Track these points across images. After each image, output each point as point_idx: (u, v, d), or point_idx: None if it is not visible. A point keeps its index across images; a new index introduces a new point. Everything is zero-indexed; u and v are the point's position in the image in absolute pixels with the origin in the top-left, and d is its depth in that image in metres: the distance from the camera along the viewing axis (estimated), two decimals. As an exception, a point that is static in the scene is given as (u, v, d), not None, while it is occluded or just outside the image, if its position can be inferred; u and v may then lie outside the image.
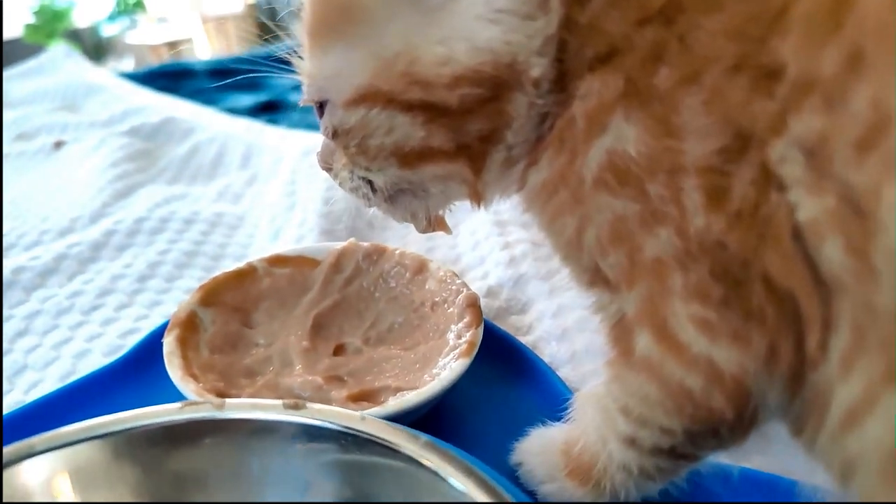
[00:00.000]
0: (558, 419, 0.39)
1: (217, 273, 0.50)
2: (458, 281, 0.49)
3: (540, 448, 0.38)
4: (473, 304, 0.46)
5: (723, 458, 0.34)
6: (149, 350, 0.47)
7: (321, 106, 0.34)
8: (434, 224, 0.39)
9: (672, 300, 0.26)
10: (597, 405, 0.33)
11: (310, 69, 0.33)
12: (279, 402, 0.32)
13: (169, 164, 0.95)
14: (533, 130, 0.30)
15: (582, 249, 0.29)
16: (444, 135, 0.30)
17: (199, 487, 0.30)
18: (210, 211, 0.76)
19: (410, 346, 0.47)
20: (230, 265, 0.65)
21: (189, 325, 0.44)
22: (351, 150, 0.33)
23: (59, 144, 1.03)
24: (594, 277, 0.30)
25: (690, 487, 0.33)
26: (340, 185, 0.37)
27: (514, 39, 0.28)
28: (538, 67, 0.28)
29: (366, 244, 0.53)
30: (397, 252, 0.52)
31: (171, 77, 1.47)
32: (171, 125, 1.07)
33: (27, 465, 0.29)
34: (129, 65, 3.70)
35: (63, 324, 0.56)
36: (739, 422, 0.27)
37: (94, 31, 4.17)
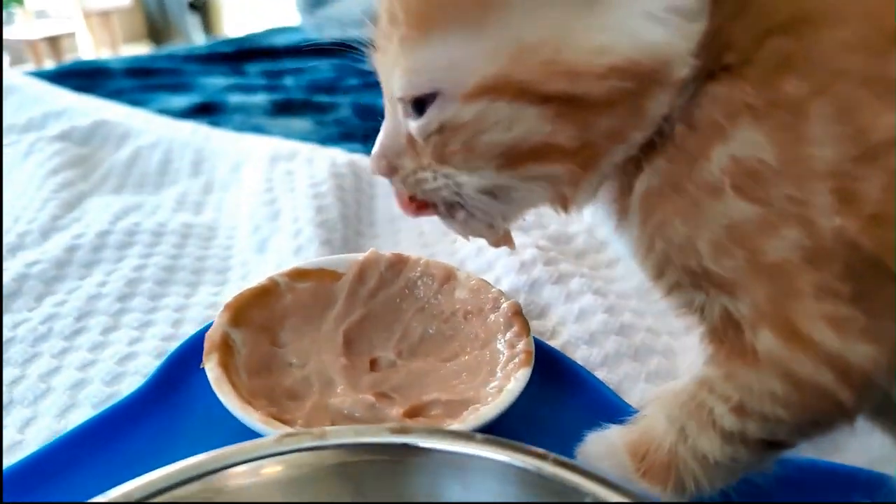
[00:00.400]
0: (609, 422, 0.39)
1: (217, 287, 0.46)
2: (494, 289, 0.48)
3: (605, 452, 0.38)
4: (518, 312, 0.45)
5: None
6: (174, 373, 0.44)
7: (418, 102, 0.31)
8: (504, 237, 0.38)
9: (801, 299, 0.27)
10: (680, 403, 0.33)
11: (413, 60, 0.30)
12: (384, 426, 0.30)
13: (111, 172, 0.87)
14: (650, 133, 0.30)
15: (689, 254, 0.30)
16: (571, 131, 0.29)
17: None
18: (176, 222, 0.71)
19: (449, 358, 0.46)
20: (213, 279, 0.61)
21: (225, 348, 0.41)
22: (452, 148, 0.31)
23: (-26, 151, 0.93)
24: (694, 280, 0.31)
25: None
26: (412, 187, 0.34)
27: (676, 39, 0.27)
28: (686, 69, 0.28)
29: (387, 254, 0.51)
30: (422, 261, 0.51)
31: (85, 76, 1.36)
32: (103, 129, 0.99)
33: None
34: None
35: (44, 351, 0.50)
36: (856, 412, 0.28)
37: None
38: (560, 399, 0.45)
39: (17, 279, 0.58)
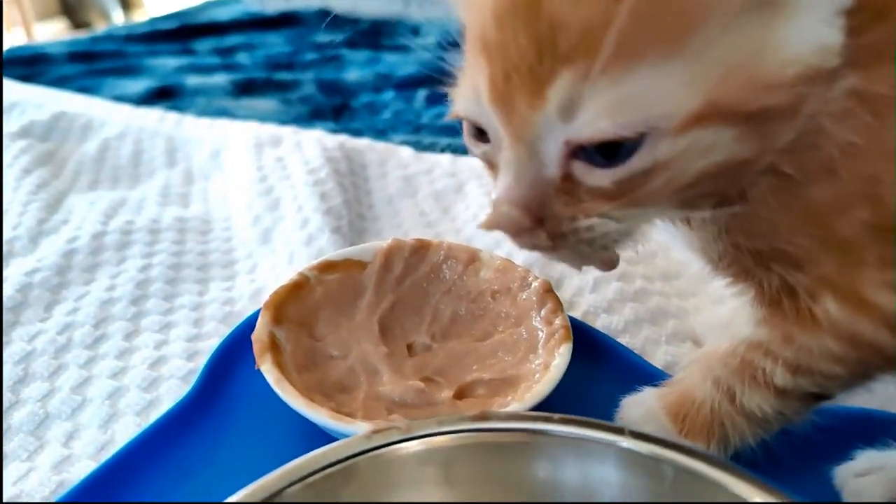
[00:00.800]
0: (643, 386, 0.42)
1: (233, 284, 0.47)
2: (520, 268, 0.49)
3: (644, 415, 0.40)
4: (549, 289, 0.47)
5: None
6: (218, 377, 0.44)
7: (606, 145, 0.27)
8: None
9: (865, 269, 0.30)
10: (725, 365, 0.36)
11: (612, 96, 0.26)
12: (464, 415, 0.31)
13: (82, 167, 0.84)
14: None
15: (765, 237, 0.32)
16: (757, 143, 0.28)
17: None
18: (169, 217, 0.70)
19: (482, 337, 0.48)
20: (221, 273, 0.61)
21: (274, 348, 0.42)
22: (654, 186, 0.28)
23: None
24: (759, 259, 0.33)
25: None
26: (565, 236, 0.30)
27: (839, 39, 0.27)
28: (837, 60, 0.28)
29: (409, 240, 0.52)
30: (444, 245, 0.52)
31: (24, 64, 1.29)
32: (63, 121, 0.95)
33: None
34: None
35: (70, 362, 0.50)
36: None
37: None
38: (592, 368, 0.47)
39: (21, 290, 0.56)
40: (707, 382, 0.37)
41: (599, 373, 0.47)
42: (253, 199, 0.69)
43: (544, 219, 0.30)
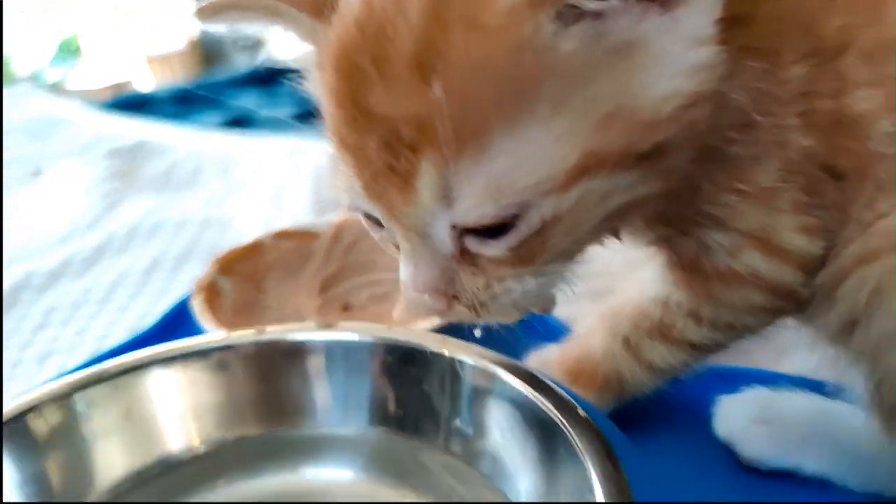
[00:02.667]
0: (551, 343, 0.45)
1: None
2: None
3: (539, 365, 0.43)
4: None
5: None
6: (173, 318, 0.52)
7: (492, 228, 0.27)
8: None
9: (781, 217, 0.31)
10: (632, 323, 0.37)
11: (482, 176, 0.25)
12: (313, 323, 0.37)
13: (150, 182, 0.98)
14: None
15: (689, 203, 0.32)
16: (659, 176, 0.28)
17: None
18: (199, 216, 0.80)
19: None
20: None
21: (212, 291, 0.49)
22: (553, 241, 0.27)
23: (37, 173, 1.06)
24: (680, 224, 0.33)
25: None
26: (483, 304, 0.29)
27: (713, 52, 0.26)
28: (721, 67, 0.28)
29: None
30: (390, 220, 0.58)
31: (133, 106, 1.50)
32: (145, 146, 1.11)
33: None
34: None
35: (81, 314, 0.60)
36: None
37: (36, 78, 4.12)
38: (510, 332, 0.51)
39: (63, 264, 0.69)
40: (611, 341, 0.39)
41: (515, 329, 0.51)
42: (268, 201, 0.80)
43: (458, 294, 0.29)
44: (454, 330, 0.34)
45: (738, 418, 0.37)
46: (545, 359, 0.43)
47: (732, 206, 0.31)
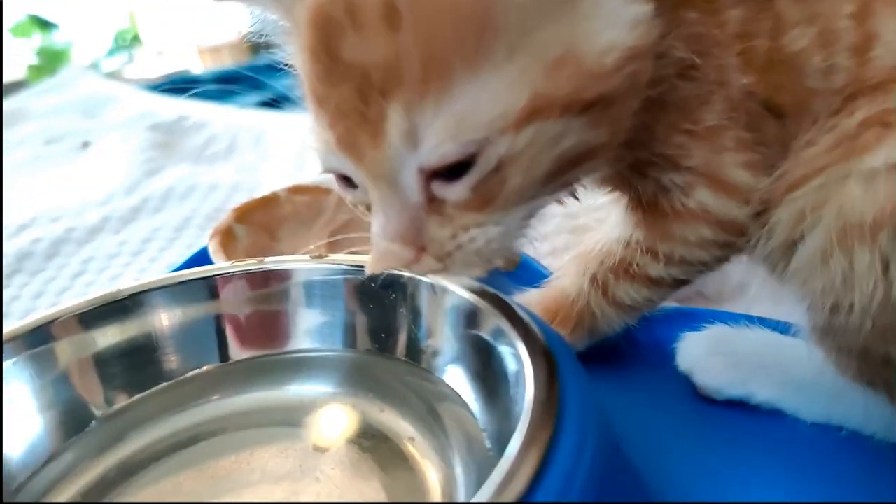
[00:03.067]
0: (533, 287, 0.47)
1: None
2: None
3: None
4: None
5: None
6: (195, 262, 0.56)
7: (455, 169, 0.28)
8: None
9: (726, 153, 0.33)
10: (599, 262, 0.39)
11: (446, 116, 0.27)
12: (307, 255, 0.40)
13: (188, 153, 1.04)
14: None
15: (645, 146, 0.34)
16: (609, 125, 0.30)
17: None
18: (230, 181, 0.85)
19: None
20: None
21: (227, 235, 0.53)
22: (512, 184, 0.29)
23: (86, 144, 1.13)
24: (639, 167, 0.35)
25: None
26: (451, 254, 0.30)
27: (648, 9, 0.29)
28: (657, 26, 0.30)
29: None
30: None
31: (179, 87, 1.57)
32: (186, 121, 1.17)
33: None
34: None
35: (115, 264, 0.65)
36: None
37: (94, 67, 4.29)
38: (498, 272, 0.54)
39: (102, 220, 0.75)
40: (582, 279, 0.41)
41: (503, 276, 0.54)
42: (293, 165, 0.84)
43: (426, 245, 0.30)
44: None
45: (697, 351, 0.39)
46: (528, 301, 0.45)
47: (683, 146, 0.33)
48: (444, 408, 0.34)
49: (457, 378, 0.35)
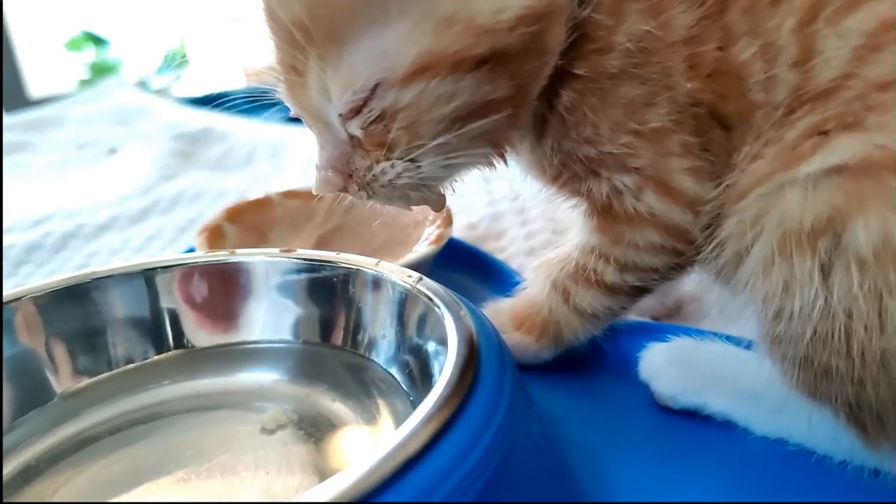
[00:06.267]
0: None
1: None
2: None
3: (490, 314, 0.46)
4: (445, 213, 0.56)
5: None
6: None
7: (357, 107, 0.31)
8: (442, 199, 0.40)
9: (672, 158, 0.34)
10: (562, 269, 0.40)
11: (344, 71, 0.30)
12: (276, 249, 0.42)
13: (207, 161, 1.07)
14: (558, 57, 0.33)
15: (594, 142, 0.35)
16: (505, 81, 0.31)
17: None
18: (240, 188, 0.88)
19: (397, 256, 0.57)
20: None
21: (216, 233, 0.55)
22: (395, 133, 0.32)
23: (112, 151, 1.18)
24: (589, 168, 0.36)
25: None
26: (368, 185, 0.34)
27: None
28: None
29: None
30: (389, 185, 0.62)
31: (211, 101, 1.62)
32: (210, 132, 1.21)
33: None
34: (175, 111, 3.90)
35: (117, 259, 0.67)
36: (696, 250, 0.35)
37: (143, 84, 4.45)
38: (483, 290, 0.55)
39: (111, 218, 0.77)
40: (546, 286, 0.41)
41: (483, 285, 0.54)
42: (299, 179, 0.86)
43: (352, 174, 0.34)
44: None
45: (657, 359, 0.39)
46: (497, 308, 0.45)
47: (630, 146, 0.34)
48: (384, 395, 0.35)
49: (396, 365, 0.36)
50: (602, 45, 0.33)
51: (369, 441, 0.33)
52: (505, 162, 0.38)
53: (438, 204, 0.39)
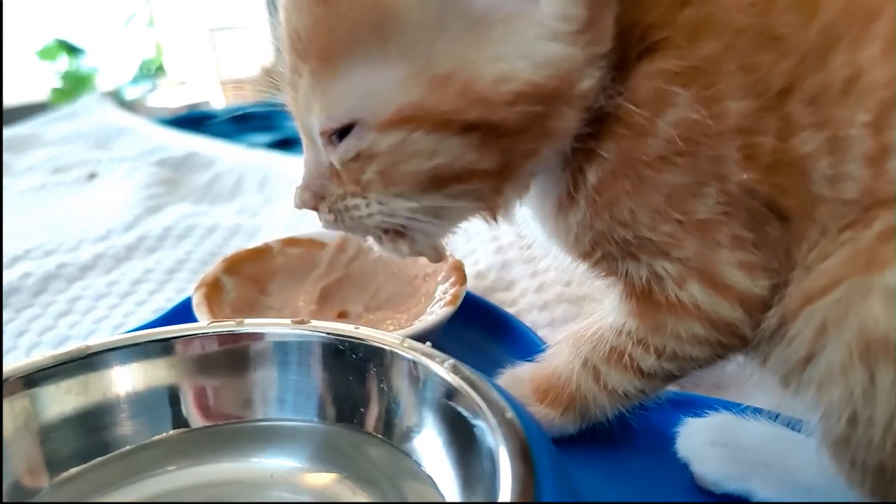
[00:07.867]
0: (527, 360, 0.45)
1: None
2: (452, 257, 0.56)
3: (511, 383, 0.44)
4: (458, 267, 0.53)
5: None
6: (178, 313, 0.54)
7: (340, 132, 0.31)
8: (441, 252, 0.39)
9: (720, 250, 0.31)
10: (593, 347, 0.38)
11: (329, 94, 0.30)
12: (288, 319, 0.39)
13: (192, 190, 1.04)
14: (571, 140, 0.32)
15: (630, 227, 0.33)
16: (494, 156, 0.30)
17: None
18: (230, 223, 0.84)
19: (405, 310, 0.54)
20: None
21: (214, 287, 0.52)
22: (368, 176, 0.31)
23: (92, 176, 1.13)
24: (626, 250, 0.34)
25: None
26: (339, 214, 0.34)
27: (572, 51, 0.29)
28: (590, 80, 0.30)
29: (368, 229, 0.60)
30: (395, 234, 0.60)
31: (193, 122, 1.58)
32: (194, 158, 1.17)
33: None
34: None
35: (102, 305, 0.63)
36: (749, 343, 0.33)
37: (117, 93, 4.37)
38: (497, 349, 0.52)
39: (95, 257, 0.73)
40: (574, 361, 0.39)
41: (498, 345, 0.52)
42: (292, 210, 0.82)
43: (325, 196, 0.34)
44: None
45: (697, 438, 0.37)
46: (518, 375, 0.43)
47: (673, 236, 0.32)
48: (411, 487, 0.32)
49: (430, 455, 0.33)
50: (636, 132, 0.31)
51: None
52: (496, 222, 0.36)
53: (435, 257, 0.38)
